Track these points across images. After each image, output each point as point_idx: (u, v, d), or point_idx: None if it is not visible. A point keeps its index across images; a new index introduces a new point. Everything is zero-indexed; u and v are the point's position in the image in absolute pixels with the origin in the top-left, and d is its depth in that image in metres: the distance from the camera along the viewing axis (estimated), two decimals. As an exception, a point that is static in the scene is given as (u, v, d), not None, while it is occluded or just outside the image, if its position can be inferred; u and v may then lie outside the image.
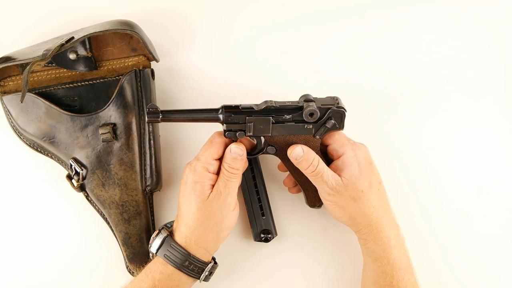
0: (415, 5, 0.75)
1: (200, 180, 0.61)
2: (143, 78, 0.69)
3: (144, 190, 0.69)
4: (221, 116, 0.61)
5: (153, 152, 0.69)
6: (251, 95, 0.74)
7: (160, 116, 0.61)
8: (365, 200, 0.62)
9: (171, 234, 0.63)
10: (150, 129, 0.69)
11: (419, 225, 0.72)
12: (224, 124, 0.62)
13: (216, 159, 0.63)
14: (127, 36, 0.70)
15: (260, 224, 0.70)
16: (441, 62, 0.75)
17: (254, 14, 0.75)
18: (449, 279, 0.72)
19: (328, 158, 0.65)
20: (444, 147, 0.74)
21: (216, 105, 0.63)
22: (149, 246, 0.64)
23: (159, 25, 0.74)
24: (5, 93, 0.70)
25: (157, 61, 0.71)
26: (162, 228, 0.64)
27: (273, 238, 0.71)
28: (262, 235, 0.70)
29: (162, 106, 0.72)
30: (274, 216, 0.71)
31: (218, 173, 0.63)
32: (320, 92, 0.66)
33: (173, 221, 0.65)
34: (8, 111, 0.69)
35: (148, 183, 0.68)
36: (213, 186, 0.62)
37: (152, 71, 0.70)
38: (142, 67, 0.70)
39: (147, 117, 0.61)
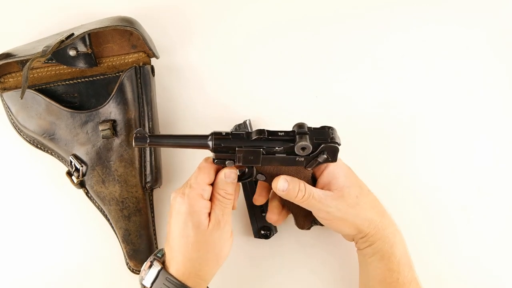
0: (418, 10, 0.76)
1: (197, 209, 0.58)
2: (143, 74, 0.69)
3: (144, 187, 0.69)
4: (210, 143, 0.59)
5: (153, 149, 0.69)
6: (251, 93, 0.74)
7: (148, 141, 0.59)
8: (362, 204, 0.62)
9: (164, 266, 0.59)
10: (150, 125, 0.69)
11: (420, 225, 0.72)
12: (214, 153, 0.60)
13: (208, 185, 0.60)
14: (127, 32, 0.70)
15: (260, 221, 0.70)
16: (438, 58, 0.75)
17: (255, 12, 0.75)
18: (449, 278, 0.72)
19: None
20: (444, 147, 0.74)
21: (215, 103, 0.63)
22: (141, 278, 0.59)
23: (159, 21, 0.74)
24: (5, 89, 0.70)
25: (157, 57, 0.71)
26: (154, 259, 0.60)
27: (273, 234, 0.71)
28: (262, 232, 0.70)
29: (162, 103, 0.73)
30: (274, 213, 0.71)
31: (210, 199, 0.60)
32: (321, 91, 0.66)
33: (162, 249, 0.62)
34: (8, 107, 0.69)
35: (148, 179, 0.68)
36: (209, 214, 0.59)
37: (152, 68, 0.70)
38: (142, 63, 0.70)
39: (134, 143, 0.59)
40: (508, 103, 0.75)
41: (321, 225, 0.66)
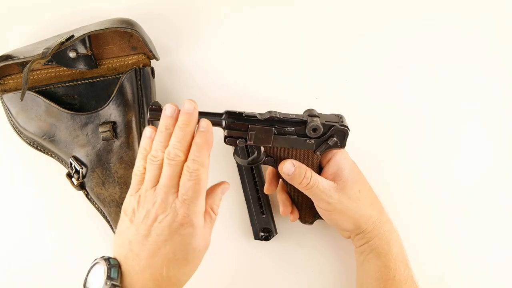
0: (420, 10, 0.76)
1: (201, 229, 0.52)
2: (143, 76, 0.68)
3: (144, 189, 0.69)
4: (223, 122, 0.60)
5: (153, 150, 0.69)
6: (251, 95, 0.74)
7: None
8: (363, 199, 0.62)
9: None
10: (150, 127, 0.69)
11: (420, 223, 0.72)
12: (226, 130, 0.61)
13: None
14: (127, 34, 0.70)
15: (260, 223, 0.70)
16: (440, 57, 0.75)
17: (255, 13, 0.75)
18: (448, 277, 0.72)
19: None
20: (444, 146, 0.74)
21: (216, 104, 0.63)
22: None
23: (159, 23, 0.74)
24: (5, 91, 0.70)
25: (157, 59, 0.71)
26: (110, 282, 0.48)
27: (273, 236, 0.71)
28: (262, 234, 0.70)
29: (162, 105, 0.73)
30: (274, 214, 0.71)
31: None
32: (321, 93, 0.66)
33: (115, 267, 0.50)
34: (8, 109, 0.69)
35: (148, 181, 0.68)
36: None
37: (152, 70, 0.70)
38: (142, 65, 0.70)
39: (149, 114, 0.59)
40: (510, 103, 0.75)
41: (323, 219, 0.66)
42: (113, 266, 0.50)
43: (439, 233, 0.72)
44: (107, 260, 0.51)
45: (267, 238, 0.70)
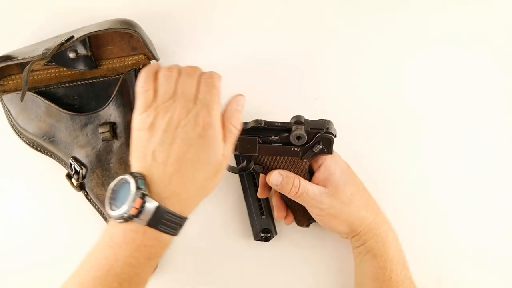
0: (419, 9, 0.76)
1: (219, 133, 0.53)
2: (143, 77, 0.69)
3: (144, 189, 0.68)
4: None
5: (153, 151, 0.69)
6: (250, 96, 0.73)
7: None
8: (356, 202, 0.62)
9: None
10: (150, 128, 0.69)
11: (419, 224, 0.72)
12: None
13: None
14: (127, 35, 0.70)
15: (260, 224, 0.70)
16: (439, 58, 0.75)
17: (256, 14, 0.75)
18: (447, 278, 0.72)
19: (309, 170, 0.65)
20: (442, 147, 0.74)
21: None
22: (127, 215, 0.49)
23: (159, 23, 0.74)
24: (4, 92, 0.70)
25: (157, 60, 0.71)
26: (143, 194, 0.49)
27: (273, 237, 0.71)
28: (262, 234, 0.70)
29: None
30: (274, 215, 0.72)
31: None
32: (321, 94, 0.66)
33: (140, 177, 0.50)
34: (8, 110, 0.69)
35: (148, 182, 0.68)
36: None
37: (152, 70, 0.70)
38: (142, 66, 0.70)
39: None
40: (509, 107, 0.75)
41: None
42: (139, 178, 0.50)
43: (438, 234, 0.72)
44: (131, 174, 0.51)
45: (267, 239, 0.70)
